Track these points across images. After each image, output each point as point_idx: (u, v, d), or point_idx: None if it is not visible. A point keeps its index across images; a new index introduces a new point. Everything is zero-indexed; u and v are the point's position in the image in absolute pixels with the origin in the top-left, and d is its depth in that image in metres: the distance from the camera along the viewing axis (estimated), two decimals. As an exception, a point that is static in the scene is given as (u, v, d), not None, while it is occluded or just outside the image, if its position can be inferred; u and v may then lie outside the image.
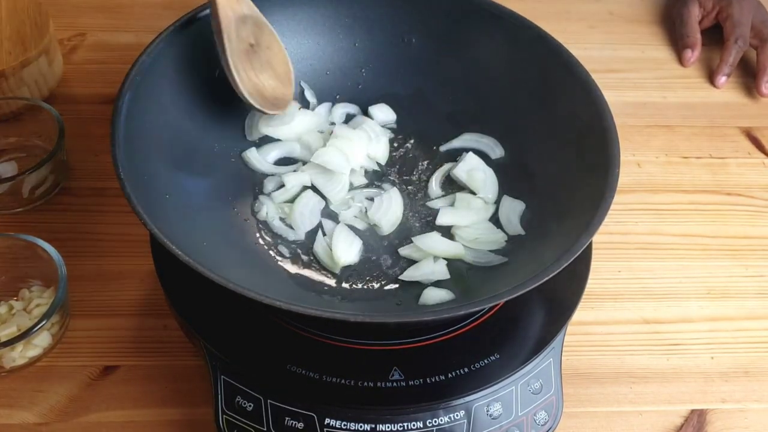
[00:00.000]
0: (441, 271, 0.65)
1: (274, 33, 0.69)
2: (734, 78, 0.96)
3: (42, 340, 0.64)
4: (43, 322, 0.62)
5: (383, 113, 0.76)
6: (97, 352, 0.66)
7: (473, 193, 0.71)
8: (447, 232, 0.69)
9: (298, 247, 0.67)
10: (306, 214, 0.68)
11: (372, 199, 0.70)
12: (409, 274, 0.65)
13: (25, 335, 0.62)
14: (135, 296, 0.69)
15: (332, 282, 0.65)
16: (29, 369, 0.65)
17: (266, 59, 0.68)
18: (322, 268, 0.66)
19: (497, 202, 0.70)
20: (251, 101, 0.67)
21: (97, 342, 0.67)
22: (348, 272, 0.65)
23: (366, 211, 0.69)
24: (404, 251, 0.67)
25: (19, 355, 0.63)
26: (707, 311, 0.74)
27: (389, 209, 0.69)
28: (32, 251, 0.67)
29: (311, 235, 0.68)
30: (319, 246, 0.66)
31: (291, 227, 0.68)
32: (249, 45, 0.67)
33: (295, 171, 0.71)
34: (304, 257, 0.66)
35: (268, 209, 0.68)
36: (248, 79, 0.67)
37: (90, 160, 0.79)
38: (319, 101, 0.76)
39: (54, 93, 0.84)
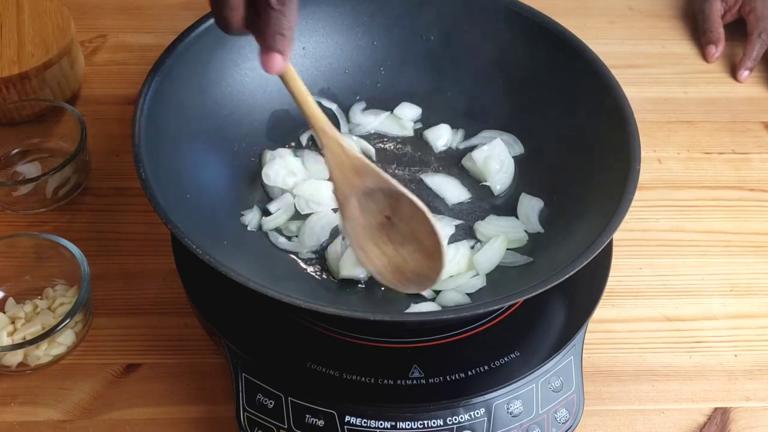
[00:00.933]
0: (479, 283, 0.65)
1: (416, 202, 0.59)
2: (757, 72, 0.95)
3: (66, 339, 0.65)
4: (67, 321, 0.63)
5: (410, 111, 0.76)
6: (120, 350, 0.67)
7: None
8: (470, 230, 0.69)
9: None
10: (316, 230, 0.67)
11: None
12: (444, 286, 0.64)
13: (49, 333, 0.62)
14: (157, 295, 0.70)
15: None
16: (53, 367, 0.65)
17: (409, 231, 0.60)
18: (326, 269, 0.66)
19: (513, 199, 0.70)
20: (380, 280, 0.62)
21: (120, 340, 0.67)
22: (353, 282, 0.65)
23: None
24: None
25: (44, 353, 0.64)
26: (730, 308, 0.73)
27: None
28: (56, 251, 0.67)
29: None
30: (332, 250, 0.66)
31: (291, 240, 0.68)
32: (384, 218, 0.61)
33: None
34: (316, 255, 0.67)
35: (252, 219, 0.68)
36: (381, 254, 0.61)
37: (112, 160, 0.80)
38: (338, 100, 0.76)
39: (76, 94, 0.85)
